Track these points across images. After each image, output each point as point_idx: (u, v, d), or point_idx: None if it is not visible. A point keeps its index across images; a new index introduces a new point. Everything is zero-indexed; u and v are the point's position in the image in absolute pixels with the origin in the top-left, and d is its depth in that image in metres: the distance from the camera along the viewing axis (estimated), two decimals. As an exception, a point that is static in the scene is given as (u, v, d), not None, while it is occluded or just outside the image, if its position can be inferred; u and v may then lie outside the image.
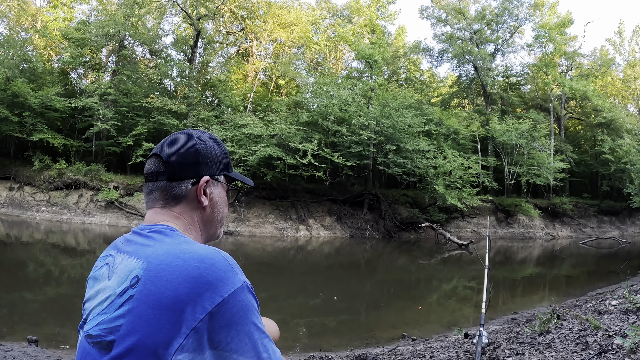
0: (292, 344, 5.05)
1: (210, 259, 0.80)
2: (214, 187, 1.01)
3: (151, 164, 1.01)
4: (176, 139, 1.00)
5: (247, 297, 0.79)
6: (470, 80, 29.11)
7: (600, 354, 2.47)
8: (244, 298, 0.79)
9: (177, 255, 0.81)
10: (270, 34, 24.76)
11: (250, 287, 0.81)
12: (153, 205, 0.99)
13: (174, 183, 0.97)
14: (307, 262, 13.48)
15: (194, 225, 0.99)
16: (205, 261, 0.80)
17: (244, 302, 0.78)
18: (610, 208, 27.77)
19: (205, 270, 0.78)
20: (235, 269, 0.82)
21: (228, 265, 0.81)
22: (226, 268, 0.80)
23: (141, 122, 19.43)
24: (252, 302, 0.81)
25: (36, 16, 24.35)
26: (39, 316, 5.68)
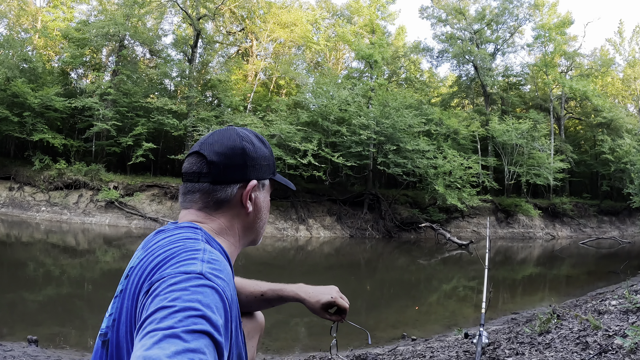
0: (292, 344, 5.05)
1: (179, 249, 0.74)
2: (259, 192, 0.95)
3: (192, 163, 0.90)
4: (221, 137, 0.90)
5: (188, 284, 0.65)
6: (470, 80, 29.11)
7: (600, 354, 2.47)
8: (182, 283, 0.65)
9: (166, 243, 0.77)
10: (270, 34, 24.76)
11: (202, 278, 0.66)
12: (189, 206, 0.91)
13: (218, 186, 0.88)
14: (307, 262, 13.48)
15: (233, 231, 0.92)
16: (178, 244, 0.75)
17: (179, 286, 0.64)
18: (610, 208, 27.77)
19: (171, 252, 0.74)
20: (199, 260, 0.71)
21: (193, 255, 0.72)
22: (189, 254, 0.72)
23: (141, 122, 19.43)
24: (191, 291, 0.64)
25: (36, 16, 24.34)
26: (39, 316, 5.68)
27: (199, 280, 0.66)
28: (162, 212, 17.93)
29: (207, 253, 0.74)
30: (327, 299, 1.20)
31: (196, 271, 0.68)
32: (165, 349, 0.53)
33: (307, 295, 1.20)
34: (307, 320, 5.93)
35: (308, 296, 1.20)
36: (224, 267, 0.74)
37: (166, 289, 0.65)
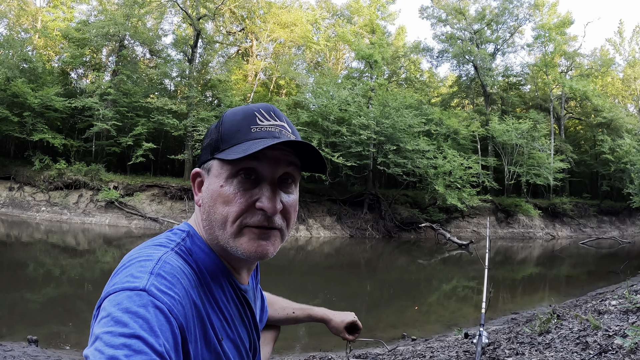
0: (292, 344, 5.05)
1: (132, 260, 0.69)
2: (206, 180, 0.80)
3: None
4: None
5: (128, 301, 0.61)
6: (470, 80, 29.12)
7: (600, 354, 2.47)
8: (123, 300, 0.61)
9: (133, 250, 0.74)
10: (270, 34, 24.76)
11: (145, 295, 0.62)
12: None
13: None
14: (307, 262, 13.48)
15: (200, 229, 0.82)
16: (126, 260, 0.70)
17: (120, 302, 0.61)
18: (610, 208, 27.78)
19: (118, 268, 0.69)
20: (142, 272, 0.65)
21: (144, 266, 0.67)
22: (136, 271, 0.66)
23: (141, 122, 19.43)
24: (144, 310, 0.60)
25: (36, 16, 24.35)
26: (39, 316, 5.68)
27: (140, 298, 0.61)
28: (162, 212, 17.93)
29: (160, 263, 0.68)
30: (350, 319, 1.36)
31: (139, 287, 0.62)
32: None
33: (334, 316, 1.36)
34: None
35: (334, 316, 1.36)
36: (177, 280, 0.67)
37: (106, 311, 0.61)
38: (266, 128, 0.78)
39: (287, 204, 0.79)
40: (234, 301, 0.83)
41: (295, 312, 1.34)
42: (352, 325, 1.38)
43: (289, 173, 0.79)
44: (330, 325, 1.35)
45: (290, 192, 0.81)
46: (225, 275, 0.81)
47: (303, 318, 1.34)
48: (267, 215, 0.76)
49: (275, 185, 0.78)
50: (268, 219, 0.76)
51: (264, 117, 0.80)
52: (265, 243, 0.77)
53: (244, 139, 0.76)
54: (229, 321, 0.80)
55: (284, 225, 0.80)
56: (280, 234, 0.80)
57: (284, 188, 0.80)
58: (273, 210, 0.76)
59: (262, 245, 0.77)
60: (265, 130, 0.78)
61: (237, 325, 0.83)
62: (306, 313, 1.34)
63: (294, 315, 1.33)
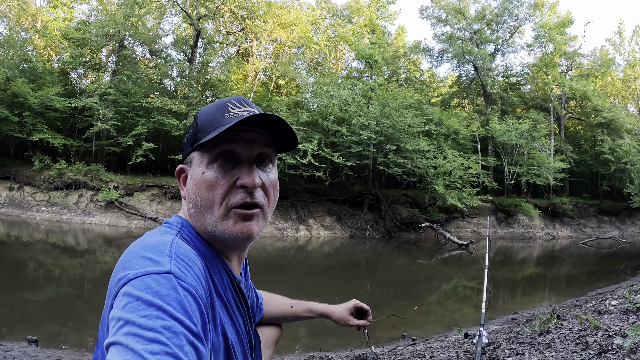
0: (292, 344, 5.05)
1: (146, 245, 0.70)
2: (188, 172, 0.84)
3: None
4: None
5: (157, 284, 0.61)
6: (470, 80, 29.11)
7: (600, 354, 2.47)
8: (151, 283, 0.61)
9: (139, 239, 0.75)
10: (270, 34, 24.76)
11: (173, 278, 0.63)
12: None
13: None
14: (307, 262, 13.48)
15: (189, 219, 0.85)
16: (138, 246, 0.71)
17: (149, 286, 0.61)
18: (610, 208, 27.77)
19: (133, 254, 0.69)
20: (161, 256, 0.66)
21: (161, 250, 0.68)
22: (154, 254, 0.67)
23: (141, 122, 19.43)
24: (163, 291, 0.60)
25: (36, 16, 24.35)
26: (39, 316, 5.67)
27: (168, 281, 0.62)
28: (162, 212, 17.93)
29: (174, 247, 0.70)
30: (353, 304, 1.32)
31: (163, 270, 0.63)
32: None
33: (335, 307, 1.32)
34: (307, 321, 5.93)
35: (336, 307, 1.32)
36: (193, 262, 0.70)
37: (132, 296, 0.60)
38: (237, 113, 0.82)
39: (266, 181, 0.83)
40: (230, 290, 0.85)
41: (293, 306, 1.31)
42: (358, 310, 1.33)
43: (265, 153, 0.83)
44: (335, 317, 1.31)
45: (268, 171, 0.85)
46: (220, 263, 0.83)
47: (303, 313, 1.31)
48: (248, 191, 0.79)
49: (253, 163, 0.81)
50: (250, 194, 0.79)
51: (235, 105, 0.84)
52: (249, 223, 0.80)
53: (218, 125, 0.79)
54: (228, 308, 0.82)
55: (266, 203, 0.83)
56: (263, 213, 0.83)
57: (261, 167, 0.83)
58: (252, 184, 0.79)
59: (247, 226, 0.79)
60: (237, 115, 0.81)
61: (235, 313, 0.84)
62: (305, 307, 1.31)
63: (292, 310, 1.30)
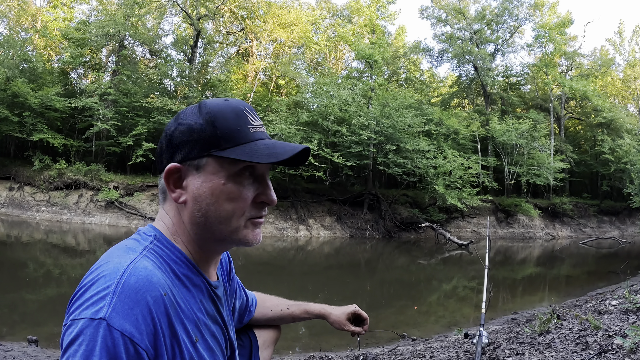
0: (292, 344, 5.05)
1: (99, 274, 0.68)
2: (192, 176, 0.78)
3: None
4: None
5: (83, 340, 0.60)
6: (470, 80, 29.11)
7: (600, 354, 2.47)
8: (79, 340, 0.61)
9: (96, 263, 0.73)
10: (270, 34, 24.76)
11: (104, 332, 0.61)
12: (160, 203, 0.86)
13: (160, 175, 0.81)
14: (307, 262, 13.48)
15: (182, 228, 0.81)
16: (94, 273, 0.69)
17: (74, 347, 0.61)
18: (610, 208, 27.77)
19: (87, 282, 0.68)
20: (102, 294, 0.64)
21: (107, 282, 0.65)
22: (100, 289, 0.65)
23: (141, 122, 19.43)
24: (87, 350, 0.60)
25: (36, 16, 24.35)
26: (39, 316, 5.68)
27: (97, 330, 0.61)
28: (162, 212, 17.92)
29: (125, 277, 0.66)
30: (352, 309, 1.32)
31: (97, 317, 0.62)
32: None
33: (333, 310, 1.31)
34: (307, 321, 5.93)
35: (334, 310, 1.31)
36: (142, 295, 0.66)
37: (67, 349, 0.61)
38: (258, 129, 0.82)
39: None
40: (206, 298, 0.84)
41: (290, 307, 1.29)
42: (355, 316, 1.32)
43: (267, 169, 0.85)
44: (331, 320, 1.30)
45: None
46: (196, 273, 0.82)
47: (300, 314, 1.29)
48: (264, 206, 0.83)
49: (269, 180, 0.84)
50: (264, 209, 0.84)
51: (252, 117, 0.82)
52: (259, 231, 0.84)
53: (247, 139, 0.79)
54: (202, 320, 0.80)
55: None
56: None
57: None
58: (274, 202, 0.83)
59: (258, 233, 0.84)
60: (260, 131, 0.82)
61: (210, 323, 0.83)
62: (302, 309, 1.30)
63: (289, 311, 1.28)
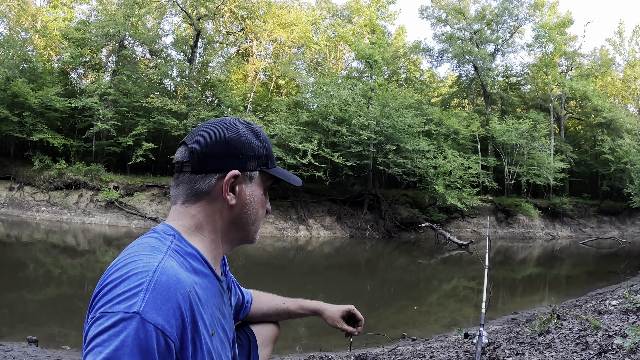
0: (292, 344, 5.05)
1: (129, 271, 0.70)
2: (245, 184, 0.88)
3: (178, 152, 0.91)
4: (207, 127, 0.89)
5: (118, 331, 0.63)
6: (470, 80, 29.11)
7: (600, 354, 2.47)
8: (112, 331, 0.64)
9: (120, 259, 0.75)
10: (270, 34, 24.76)
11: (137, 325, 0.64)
12: (175, 201, 0.89)
13: (198, 176, 0.86)
14: (307, 262, 13.48)
15: (212, 226, 0.87)
16: (122, 270, 0.71)
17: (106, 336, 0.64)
18: (610, 208, 27.77)
19: (116, 277, 0.70)
20: (145, 294, 0.67)
21: (139, 284, 0.68)
22: (132, 286, 0.68)
23: (141, 122, 19.43)
24: (137, 341, 0.63)
25: (36, 16, 24.34)
26: (39, 316, 5.68)
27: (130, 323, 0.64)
28: (162, 212, 17.93)
29: (157, 275, 0.70)
30: (347, 308, 1.33)
31: (131, 311, 0.65)
32: None
33: (328, 306, 1.34)
34: (307, 320, 5.93)
35: (329, 306, 1.33)
36: (173, 292, 0.70)
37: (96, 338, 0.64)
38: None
39: None
40: (218, 292, 0.89)
41: (285, 303, 1.31)
42: (350, 315, 1.33)
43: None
44: (326, 316, 1.31)
45: None
46: (208, 270, 0.86)
47: (296, 309, 1.32)
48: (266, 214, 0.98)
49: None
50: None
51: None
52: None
53: (274, 162, 0.98)
54: (216, 314, 0.85)
55: None
56: None
57: None
58: (270, 211, 1.00)
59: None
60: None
61: (220, 317, 0.88)
62: (298, 304, 1.32)
63: (284, 306, 1.31)
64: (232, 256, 1.58)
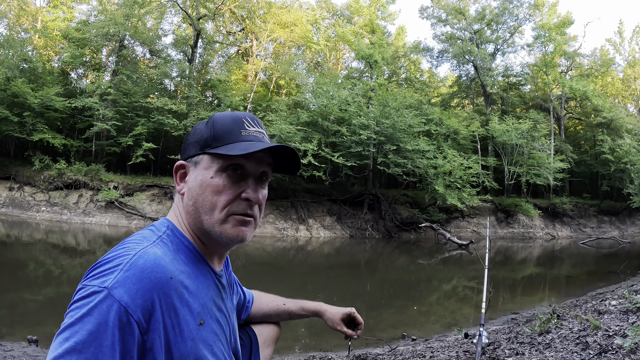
0: (292, 344, 5.05)
1: (114, 255, 0.76)
2: (192, 171, 0.90)
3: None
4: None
5: (88, 302, 0.69)
6: (470, 80, 29.11)
7: (600, 354, 2.47)
8: (83, 301, 0.70)
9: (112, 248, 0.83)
10: (270, 34, 24.75)
11: (103, 298, 0.69)
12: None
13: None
14: (307, 262, 13.47)
15: (181, 217, 0.91)
16: (110, 254, 0.77)
17: (78, 304, 0.70)
18: (610, 208, 27.76)
19: (102, 260, 0.77)
20: (119, 273, 0.72)
21: (116, 265, 0.73)
22: (111, 266, 0.74)
23: (141, 122, 19.43)
24: (97, 311, 0.68)
25: (36, 16, 24.35)
26: (39, 316, 5.68)
27: (98, 296, 0.69)
28: (162, 212, 17.93)
29: (135, 258, 0.74)
30: (348, 310, 1.33)
31: (102, 286, 0.71)
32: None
33: (329, 307, 1.34)
34: (307, 320, 5.93)
35: (330, 308, 1.34)
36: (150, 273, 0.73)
37: (72, 305, 0.71)
38: (253, 133, 0.91)
39: (262, 197, 0.92)
40: (212, 286, 0.90)
41: (286, 304, 1.33)
42: (350, 318, 1.33)
43: (266, 172, 0.92)
44: (326, 318, 1.32)
45: (264, 188, 0.94)
46: (202, 261, 0.89)
47: (296, 310, 1.33)
48: (250, 204, 0.89)
49: (258, 179, 0.91)
50: (250, 207, 0.89)
51: (250, 123, 0.92)
52: (245, 229, 0.89)
53: (236, 139, 0.88)
54: (209, 306, 0.86)
55: (258, 215, 0.93)
56: (255, 222, 0.92)
57: (260, 183, 0.92)
58: (257, 200, 0.89)
59: (243, 231, 0.88)
60: (253, 135, 0.91)
61: (215, 310, 0.89)
62: (299, 305, 1.34)
63: (285, 307, 1.32)
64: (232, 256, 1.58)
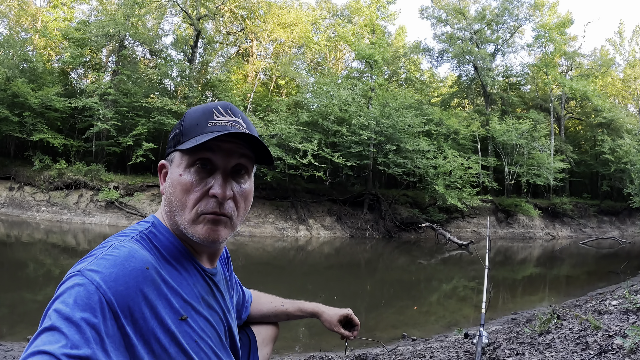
0: (292, 344, 5.05)
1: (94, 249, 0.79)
2: (170, 170, 0.88)
3: None
4: None
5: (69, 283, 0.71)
6: (470, 80, 29.11)
7: (600, 354, 2.47)
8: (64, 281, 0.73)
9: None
10: (270, 34, 24.75)
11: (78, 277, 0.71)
12: None
13: None
14: (307, 262, 13.47)
15: (163, 215, 0.91)
16: (93, 250, 0.80)
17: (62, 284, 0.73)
18: (610, 208, 27.76)
19: (86, 255, 0.79)
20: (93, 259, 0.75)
21: (93, 254, 0.77)
22: (89, 255, 0.77)
23: (141, 122, 19.43)
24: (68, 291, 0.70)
25: (36, 16, 24.35)
26: (39, 316, 5.64)
27: (76, 276, 0.72)
28: (162, 212, 17.92)
29: (110, 249, 0.77)
30: (345, 312, 1.34)
31: (77, 269, 0.73)
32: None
33: (327, 309, 1.34)
34: (307, 321, 5.92)
35: (327, 309, 1.34)
36: (125, 262, 0.74)
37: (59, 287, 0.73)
38: (221, 122, 0.85)
39: (237, 192, 0.87)
40: (200, 283, 0.88)
41: (284, 305, 1.33)
42: (347, 320, 1.34)
43: (242, 164, 0.86)
44: (323, 319, 1.33)
45: (242, 182, 0.88)
46: (188, 258, 0.87)
47: (294, 312, 1.33)
48: (218, 201, 0.83)
49: (228, 174, 0.85)
50: (220, 205, 0.83)
51: (221, 113, 0.87)
52: (217, 228, 0.84)
53: (201, 132, 0.83)
54: (193, 302, 0.84)
55: (235, 213, 0.87)
56: (231, 221, 0.87)
57: (236, 178, 0.87)
58: (223, 195, 0.83)
59: (215, 231, 0.84)
60: (220, 125, 0.85)
61: (203, 306, 0.87)
62: (297, 306, 1.34)
63: (283, 308, 1.32)
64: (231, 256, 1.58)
